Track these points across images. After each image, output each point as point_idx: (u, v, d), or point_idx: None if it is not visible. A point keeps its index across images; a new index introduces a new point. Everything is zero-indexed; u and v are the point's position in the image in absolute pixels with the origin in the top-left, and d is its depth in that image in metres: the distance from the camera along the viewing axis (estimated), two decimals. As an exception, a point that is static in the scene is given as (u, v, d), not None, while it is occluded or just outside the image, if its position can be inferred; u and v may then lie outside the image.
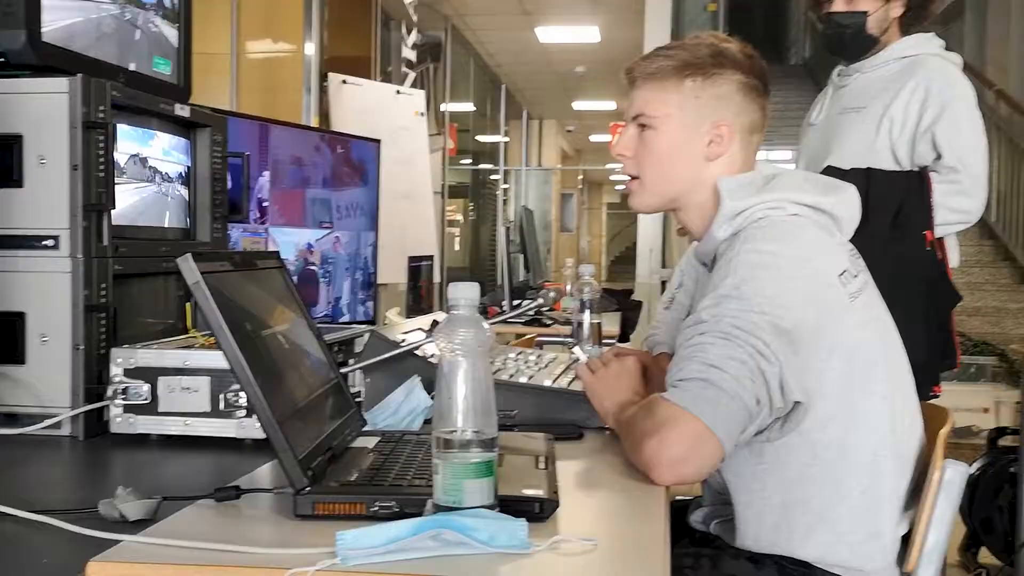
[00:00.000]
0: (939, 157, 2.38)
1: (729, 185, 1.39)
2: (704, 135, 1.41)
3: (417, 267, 3.92)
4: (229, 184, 1.91)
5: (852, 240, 1.45)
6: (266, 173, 2.51)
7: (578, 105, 14.52)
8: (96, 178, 1.46)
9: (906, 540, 1.36)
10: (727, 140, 1.41)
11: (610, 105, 13.91)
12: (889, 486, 1.34)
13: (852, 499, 1.32)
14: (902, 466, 1.36)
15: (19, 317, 1.45)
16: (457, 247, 11.67)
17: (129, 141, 1.61)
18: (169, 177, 1.74)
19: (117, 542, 0.89)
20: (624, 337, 3.95)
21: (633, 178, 1.48)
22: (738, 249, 1.31)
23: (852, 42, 2.51)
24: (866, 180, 2.33)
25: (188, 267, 0.98)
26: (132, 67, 1.69)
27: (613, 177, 20.78)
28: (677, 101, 1.41)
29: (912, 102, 2.40)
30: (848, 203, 1.43)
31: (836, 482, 1.32)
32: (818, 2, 2.55)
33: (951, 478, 1.34)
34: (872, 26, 2.48)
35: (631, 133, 1.45)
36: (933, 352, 2.33)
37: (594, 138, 17.89)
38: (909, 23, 2.52)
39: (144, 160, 1.66)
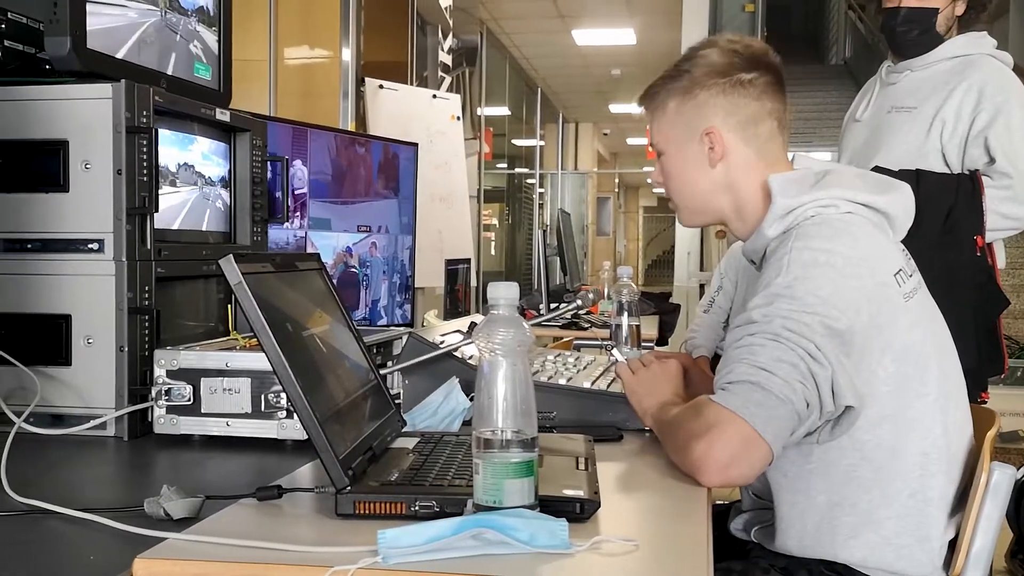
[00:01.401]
0: (992, 162, 2.34)
1: (779, 182, 1.38)
2: (699, 145, 1.43)
3: (454, 270, 3.92)
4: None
5: (903, 243, 1.43)
6: (297, 162, 2.52)
7: (614, 108, 14.50)
8: (139, 182, 1.48)
9: (952, 545, 1.34)
10: (719, 144, 1.42)
11: (646, 108, 13.84)
12: (938, 489, 1.32)
13: (900, 502, 1.30)
14: (951, 469, 1.34)
15: (65, 319, 1.48)
16: (493, 251, 11.69)
17: (171, 146, 1.63)
18: (210, 181, 1.76)
19: (162, 539, 0.90)
20: (662, 340, 3.93)
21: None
22: (790, 247, 1.30)
23: (919, 40, 2.47)
24: (916, 182, 2.29)
25: (230, 268, 0.99)
26: (173, 72, 1.72)
27: (650, 180, 20.70)
28: (668, 123, 1.47)
29: (965, 104, 2.36)
30: (902, 202, 1.41)
31: (884, 484, 1.30)
32: None
33: (999, 481, 1.31)
34: (940, 24, 2.44)
35: (658, 163, 1.53)
36: (982, 358, 2.29)
37: (631, 141, 17.84)
38: (966, 21, 2.49)
39: (185, 164, 1.68)
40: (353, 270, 2.78)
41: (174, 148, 1.65)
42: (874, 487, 1.30)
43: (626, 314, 2.17)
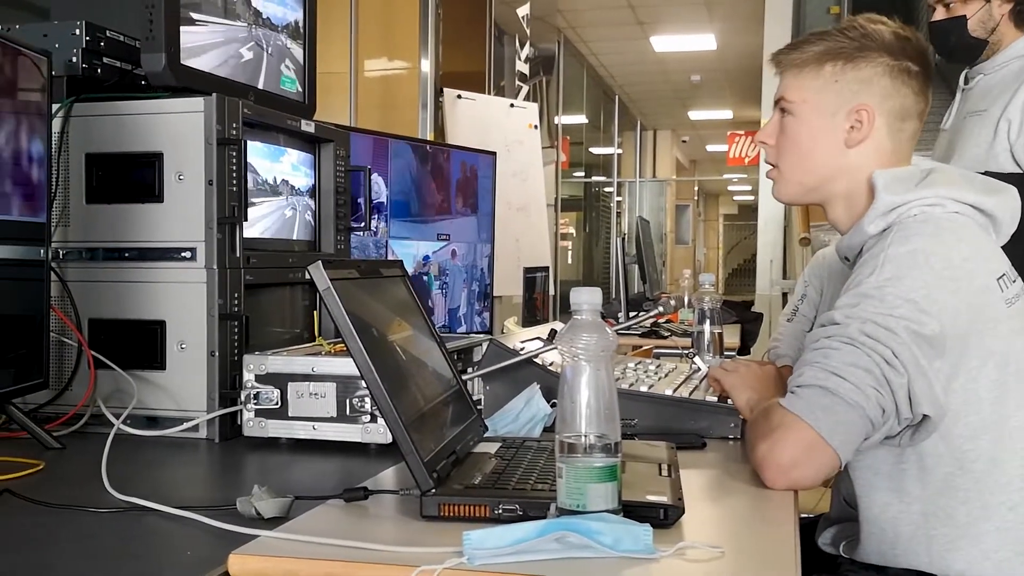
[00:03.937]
0: None
1: (885, 178, 1.33)
2: (844, 120, 1.36)
3: (532, 278, 3.93)
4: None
5: None
6: (378, 179, 2.55)
7: (694, 115, 14.34)
8: (229, 192, 1.53)
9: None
10: (868, 125, 1.36)
11: (727, 114, 13.68)
12: None
13: (1000, 515, 1.26)
14: None
15: (160, 325, 1.53)
16: (570, 260, 11.67)
17: (258, 157, 1.68)
18: (295, 190, 1.81)
19: (255, 537, 0.93)
20: (744, 349, 3.87)
21: (774, 167, 1.45)
22: (888, 244, 1.26)
23: (959, 47, 2.51)
24: None
25: (319, 274, 1.01)
26: (261, 85, 1.77)
27: (731, 188, 20.44)
28: (816, 86, 1.38)
29: None
30: (1009, 205, 1.36)
31: (983, 496, 1.26)
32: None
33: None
34: (975, 28, 2.45)
35: (774, 120, 1.44)
36: None
37: (710, 148, 17.62)
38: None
39: (272, 174, 1.73)
40: (425, 278, 2.80)
41: (262, 159, 1.69)
42: (973, 498, 1.26)
43: (708, 321, 2.14)
